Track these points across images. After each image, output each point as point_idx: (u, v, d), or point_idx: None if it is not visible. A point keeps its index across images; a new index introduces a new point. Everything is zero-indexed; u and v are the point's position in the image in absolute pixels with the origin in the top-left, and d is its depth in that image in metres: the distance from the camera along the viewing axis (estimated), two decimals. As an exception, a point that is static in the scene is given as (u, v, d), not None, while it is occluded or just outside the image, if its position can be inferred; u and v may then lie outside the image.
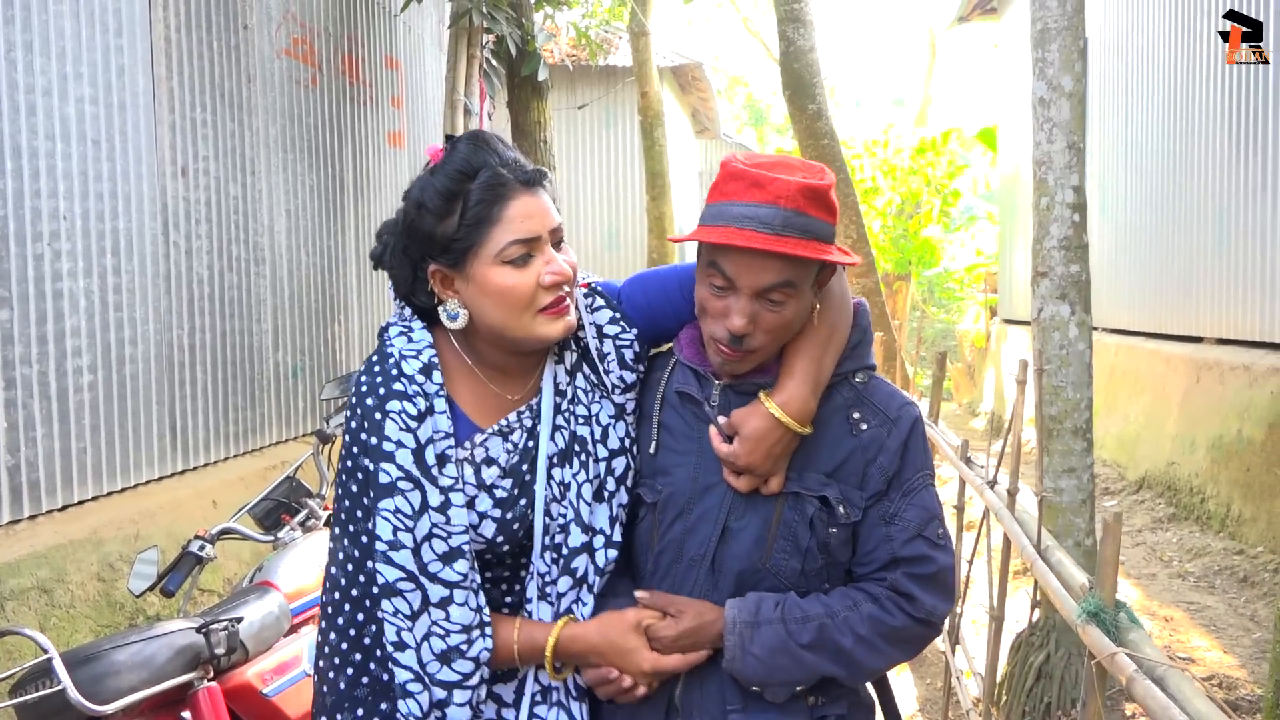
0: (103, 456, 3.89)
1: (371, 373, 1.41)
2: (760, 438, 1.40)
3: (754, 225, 1.33)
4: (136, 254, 4.10)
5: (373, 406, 1.37)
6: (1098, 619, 1.94)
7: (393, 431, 1.35)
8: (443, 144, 1.46)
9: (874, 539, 1.45)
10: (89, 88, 3.82)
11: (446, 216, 1.38)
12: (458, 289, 1.41)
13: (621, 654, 1.42)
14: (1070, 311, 3.84)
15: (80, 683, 2.21)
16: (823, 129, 8.81)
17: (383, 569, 1.35)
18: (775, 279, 1.35)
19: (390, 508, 1.35)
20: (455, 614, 1.37)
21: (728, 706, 1.44)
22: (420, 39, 7.32)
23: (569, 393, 1.49)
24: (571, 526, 1.45)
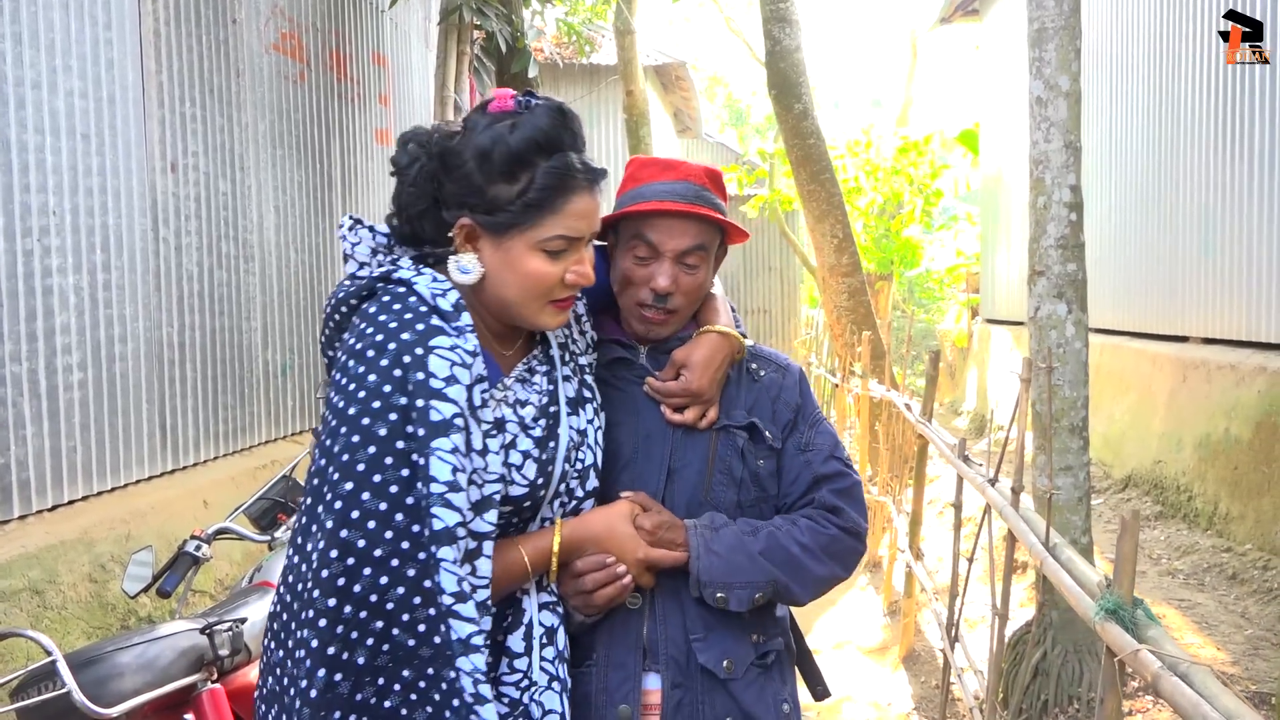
0: (93, 455, 3.83)
1: (392, 311, 1.32)
2: (708, 361, 1.60)
3: (672, 197, 1.57)
4: (126, 250, 4.03)
5: (411, 341, 1.28)
6: (1117, 616, 1.94)
7: (440, 368, 1.28)
8: (515, 98, 1.40)
9: (795, 466, 1.65)
10: (79, 81, 3.76)
11: (507, 181, 1.35)
12: (480, 248, 1.39)
13: (620, 540, 1.48)
14: (1067, 310, 3.86)
15: (84, 685, 2.17)
16: (808, 128, 8.80)
17: (441, 513, 1.24)
18: (692, 242, 1.58)
19: (447, 446, 1.25)
20: (482, 567, 1.31)
21: (690, 636, 1.55)
22: (407, 35, 7.27)
23: (567, 345, 1.56)
24: (590, 472, 1.50)
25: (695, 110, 15.95)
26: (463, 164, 1.37)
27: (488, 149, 1.35)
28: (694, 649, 1.55)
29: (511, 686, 1.44)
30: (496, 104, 1.39)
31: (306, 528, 1.30)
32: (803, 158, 9.00)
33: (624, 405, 1.62)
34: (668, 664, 1.54)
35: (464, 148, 1.37)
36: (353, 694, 1.23)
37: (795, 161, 9.12)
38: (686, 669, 1.55)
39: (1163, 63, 6.90)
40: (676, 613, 1.56)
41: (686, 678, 1.55)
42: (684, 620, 1.56)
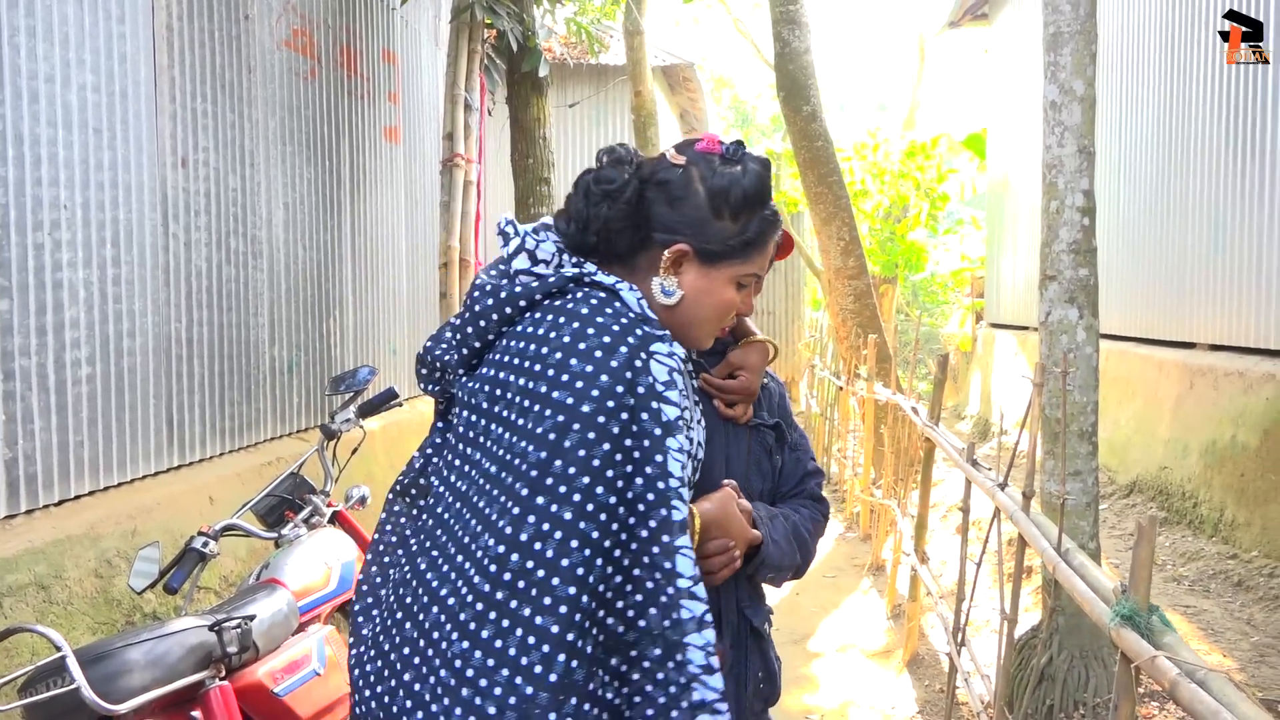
0: (100, 450, 3.82)
1: (606, 314, 1.39)
2: (761, 365, 1.75)
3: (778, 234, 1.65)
4: (136, 245, 4.03)
5: (637, 345, 1.36)
6: (1133, 622, 1.93)
7: (661, 373, 1.37)
8: (721, 143, 1.52)
9: (792, 462, 1.86)
10: (91, 75, 3.75)
11: (732, 219, 1.49)
12: (684, 272, 1.49)
13: (735, 523, 1.59)
14: (1078, 315, 3.85)
15: (93, 681, 2.17)
16: (817, 131, 8.81)
17: (678, 504, 1.33)
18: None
19: (676, 445, 1.35)
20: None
21: (742, 604, 1.72)
22: (417, 33, 7.26)
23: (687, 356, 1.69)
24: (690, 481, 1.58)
25: (702, 111, 15.95)
26: (692, 196, 1.48)
27: (725, 189, 1.48)
28: (746, 614, 1.72)
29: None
30: (705, 145, 1.51)
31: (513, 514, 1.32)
32: (811, 160, 8.99)
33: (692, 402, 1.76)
34: (728, 627, 1.69)
35: (689, 181, 1.48)
36: (586, 682, 1.30)
37: (803, 164, 9.12)
38: (739, 631, 1.71)
39: (1171, 66, 6.89)
40: (732, 587, 1.71)
41: (740, 637, 1.72)
42: (737, 590, 1.72)
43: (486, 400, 1.42)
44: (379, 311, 6.54)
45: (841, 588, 6.36)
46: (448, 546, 1.39)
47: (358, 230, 6.16)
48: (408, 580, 1.43)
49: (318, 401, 5.60)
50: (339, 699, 2.85)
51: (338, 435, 3.57)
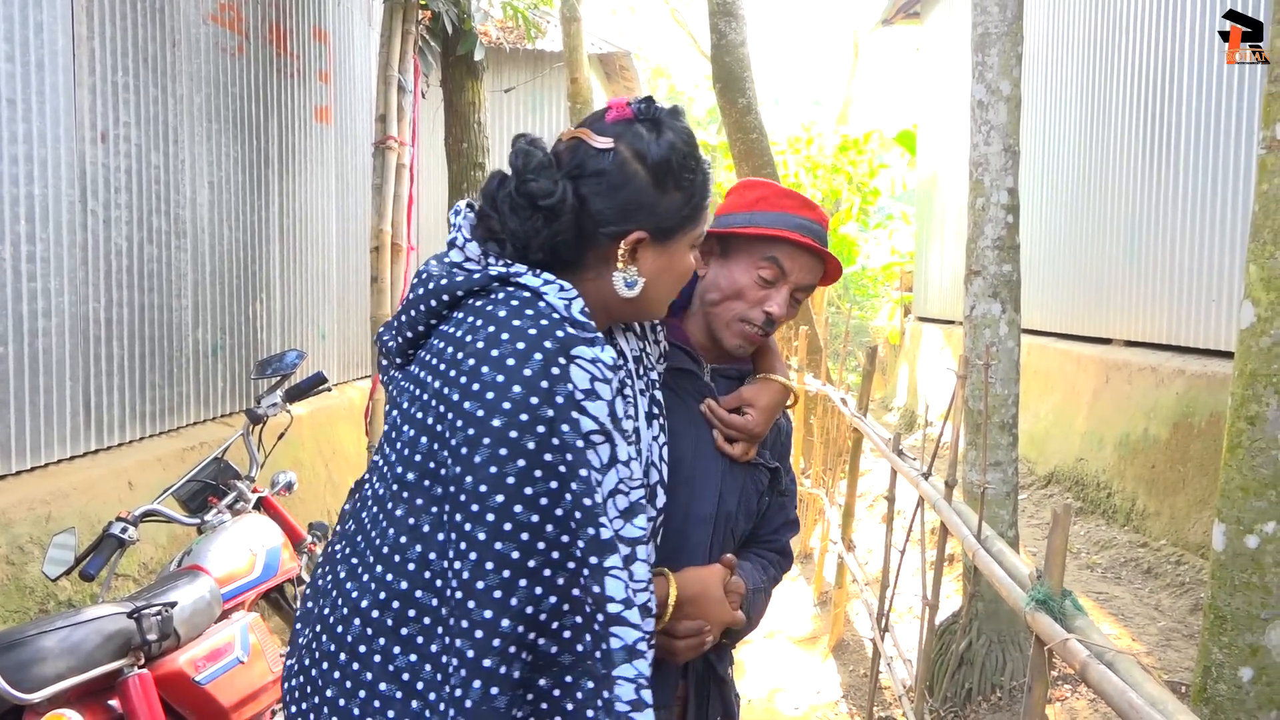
0: (11, 433, 3.69)
1: (526, 317, 1.26)
2: (773, 408, 1.67)
3: (813, 235, 1.64)
4: (52, 221, 3.89)
5: (554, 350, 1.23)
6: (1047, 606, 2.00)
7: (582, 380, 1.25)
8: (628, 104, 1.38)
9: (775, 507, 1.78)
10: (4, 44, 3.61)
11: (677, 187, 1.38)
12: (641, 258, 1.38)
13: (715, 605, 1.54)
14: (1001, 310, 3.95)
15: (4, 670, 2.10)
16: (752, 123, 8.88)
17: (606, 524, 1.24)
18: (813, 281, 1.67)
19: (596, 462, 1.26)
20: (639, 571, 1.31)
21: (708, 652, 1.65)
22: (349, 12, 7.12)
23: (641, 359, 1.54)
24: (658, 489, 1.48)
25: (638, 100, 15.92)
26: (633, 179, 1.34)
27: (666, 160, 1.35)
28: (712, 660, 1.69)
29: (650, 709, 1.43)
30: (617, 113, 1.37)
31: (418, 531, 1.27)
32: (745, 152, 9.07)
33: (684, 416, 1.65)
34: (693, 675, 1.68)
35: (624, 163, 1.34)
36: (509, 709, 1.21)
37: (738, 156, 9.19)
38: (704, 676, 1.69)
39: (1093, 71, 7.10)
40: None
41: (703, 684, 1.70)
42: None
43: (407, 400, 1.33)
44: (308, 295, 6.42)
45: (769, 575, 6.45)
46: (367, 555, 1.31)
47: (286, 211, 6.03)
48: (328, 590, 1.36)
49: (243, 386, 5.48)
50: (262, 687, 2.80)
51: (264, 420, 3.50)
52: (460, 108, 6.17)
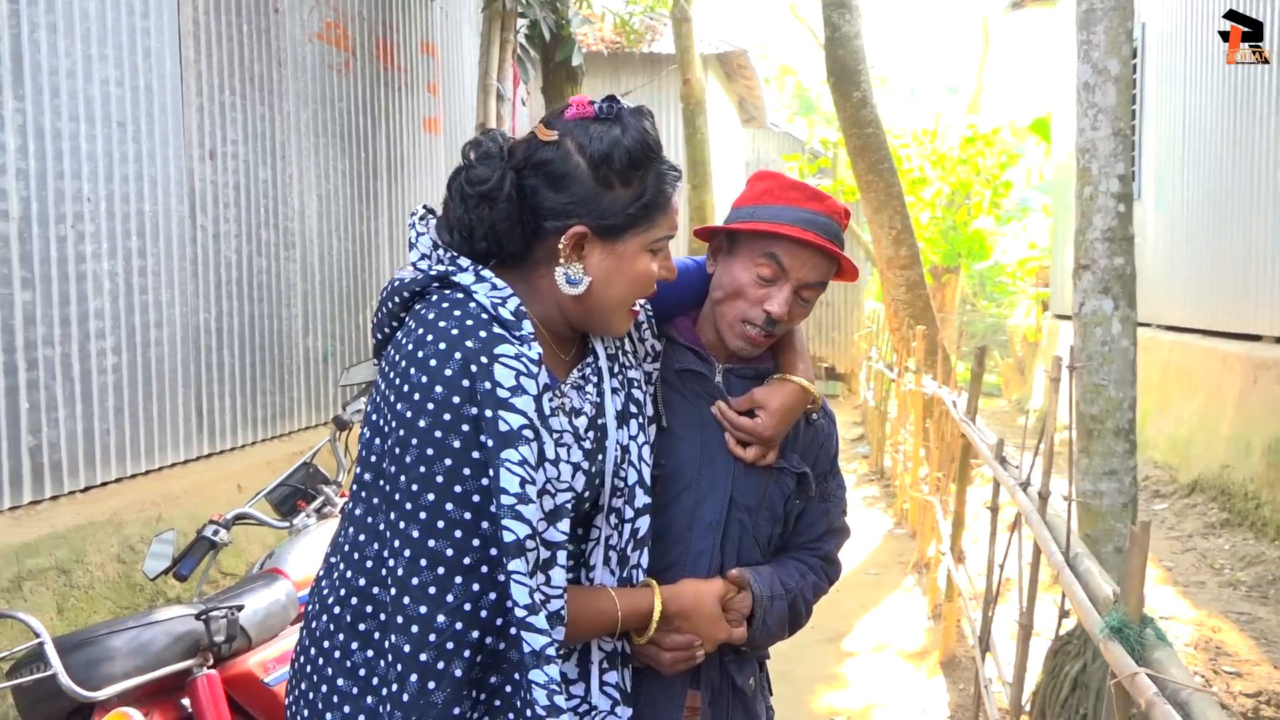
0: (126, 438, 3.90)
1: (452, 318, 1.27)
2: (785, 410, 1.57)
3: (815, 229, 1.53)
4: (162, 236, 4.10)
5: (476, 349, 1.25)
6: (1121, 635, 1.81)
7: (506, 377, 1.25)
8: (591, 103, 1.38)
9: (817, 513, 1.69)
10: (114, 69, 3.82)
11: (624, 185, 1.34)
12: (588, 254, 1.36)
13: (710, 622, 1.50)
14: (1113, 306, 3.66)
15: (73, 667, 2.19)
16: (867, 117, 8.60)
17: (511, 525, 1.22)
18: (818, 277, 1.57)
19: (515, 458, 1.23)
20: (556, 576, 1.30)
21: (725, 659, 1.61)
22: (458, 24, 7.28)
23: (617, 356, 1.51)
24: (636, 489, 1.46)
25: (759, 99, 15.74)
26: (574, 171, 1.33)
27: (607, 154, 1.33)
28: (729, 671, 1.62)
29: (569, 713, 1.41)
30: (576, 111, 1.36)
31: (375, 529, 1.30)
32: (861, 147, 8.80)
33: (690, 419, 1.59)
34: (706, 684, 1.61)
35: (567, 156, 1.33)
36: (447, 706, 1.21)
37: (853, 151, 8.92)
38: (720, 687, 1.63)
39: (1240, 46, 6.55)
40: None
41: (719, 695, 1.63)
42: (720, 647, 1.60)
43: (371, 405, 1.35)
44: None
45: (884, 585, 6.22)
46: (336, 553, 1.35)
47: (396, 221, 6.20)
48: (317, 584, 1.41)
49: (342, 392, 5.66)
50: (334, 690, 2.84)
51: (349, 426, 3.58)
52: (561, 113, 6.20)
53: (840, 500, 1.73)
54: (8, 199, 3.33)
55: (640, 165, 1.35)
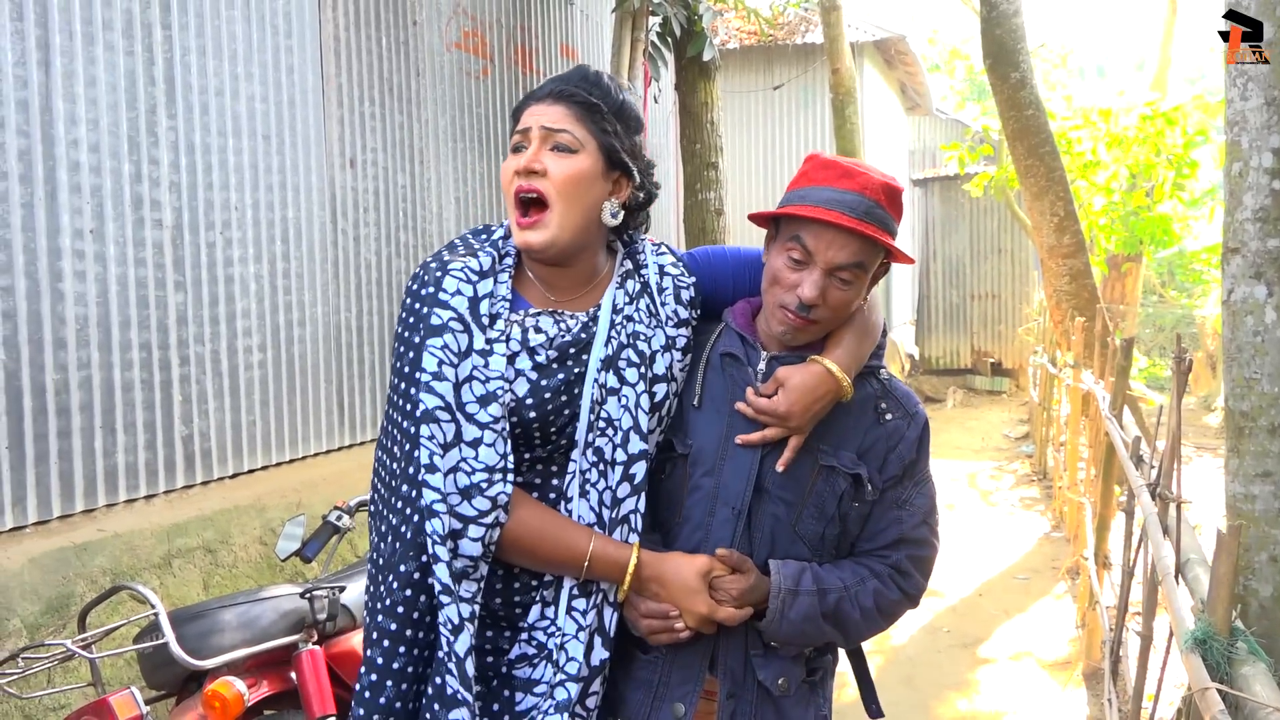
0: (271, 429, 4.19)
1: (447, 247, 1.61)
2: (805, 390, 1.54)
3: (841, 208, 1.50)
4: (305, 241, 4.38)
5: (435, 266, 1.54)
6: (1205, 647, 1.66)
7: (450, 285, 1.51)
8: None
9: (886, 519, 1.61)
10: (259, 86, 4.11)
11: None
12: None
13: (686, 593, 1.52)
14: (1267, 293, 3.32)
15: (186, 638, 2.39)
16: (1026, 99, 8.16)
17: (424, 397, 1.44)
18: (849, 259, 1.52)
19: (438, 344, 1.47)
20: (483, 454, 1.46)
21: (750, 652, 1.58)
22: (598, 25, 7.40)
23: (627, 313, 1.60)
24: (631, 435, 1.53)
25: (922, 85, 15.22)
26: None
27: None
28: (753, 665, 1.58)
29: (540, 631, 1.55)
30: None
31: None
32: (1020, 130, 8.36)
33: (721, 405, 1.60)
34: (726, 674, 1.57)
35: None
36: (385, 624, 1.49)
37: (1011, 135, 8.49)
38: (743, 682, 1.58)
39: None
40: (740, 628, 1.57)
41: (742, 689, 1.58)
42: (746, 637, 1.59)
43: None
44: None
45: (1032, 591, 5.90)
46: None
47: (534, 221, 6.37)
48: None
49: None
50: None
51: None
52: (693, 109, 6.21)
53: (919, 510, 1.62)
54: (162, 209, 3.65)
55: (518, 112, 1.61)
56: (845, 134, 9.56)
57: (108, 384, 3.44)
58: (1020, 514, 7.71)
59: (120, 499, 3.49)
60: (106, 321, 3.44)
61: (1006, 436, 11.15)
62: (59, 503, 3.27)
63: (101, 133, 3.42)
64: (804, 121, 12.55)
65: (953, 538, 6.85)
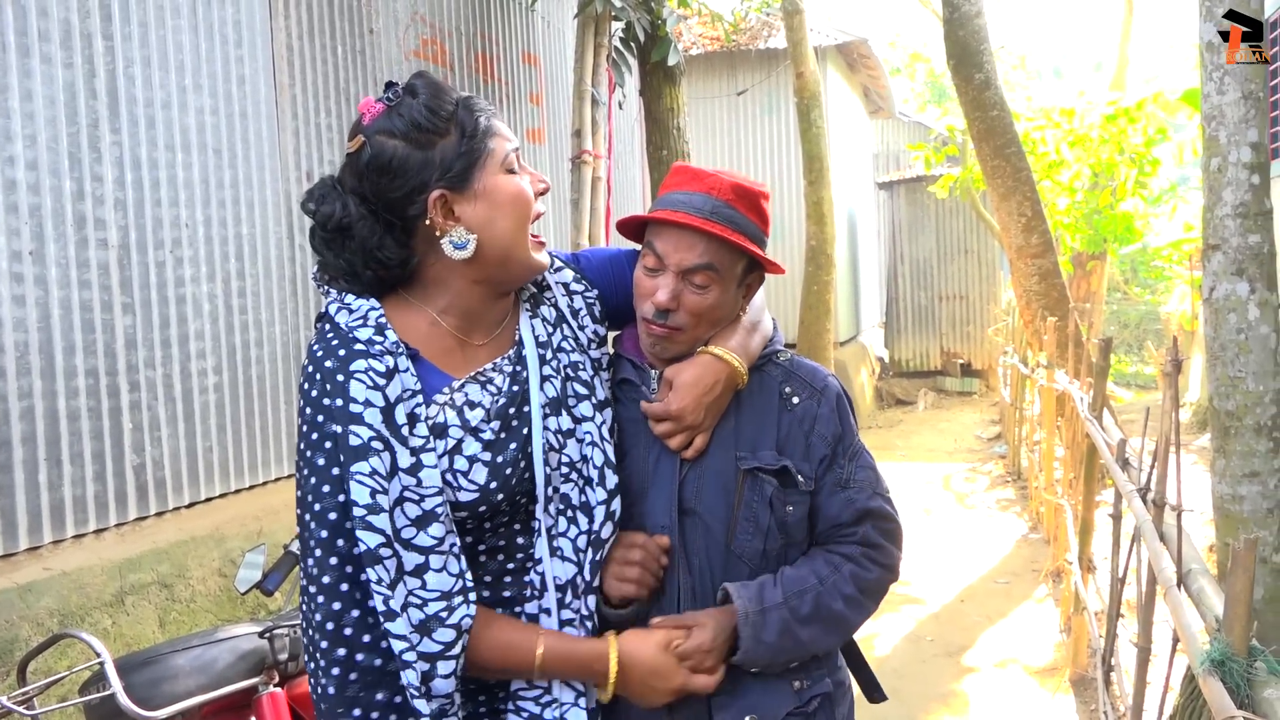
0: (229, 455, 4.02)
1: (324, 339, 1.38)
2: (695, 382, 1.48)
3: (686, 209, 1.46)
4: (260, 258, 4.22)
5: (333, 369, 1.34)
6: (1223, 669, 1.57)
7: (359, 392, 1.32)
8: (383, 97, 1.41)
9: (837, 504, 1.52)
10: (209, 98, 3.95)
11: (443, 136, 1.38)
12: (460, 213, 1.39)
13: (660, 677, 1.42)
14: (1249, 289, 3.28)
15: (136, 686, 2.23)
16: (991, 99, 8.17)
17: (363, 535, 1.28)
18: (697, 259, 1.46)
19: (365, 470, 1.29)
20: (432, 581, 1.32)
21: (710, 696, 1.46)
22: (560, 32, 7.29)
23: (552, 344, 1.50)
24: (605, 472, 1.45)
25: (885, 88, 15.25)
26: (396, 154, 1.37)
27: (413, 121, 1.37)
28: (712, 707, 1.47)
29: (531, 701, 1.41)
30: (368, 111, 1.40)
31: None
32: (985, 131, 8.36)
33: (634, 430, 1.54)
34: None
35: (382, 147, 1.37)
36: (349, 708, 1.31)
37: (977, 136, 8.49)
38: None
39: None
40: None
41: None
42: None
43: None
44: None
45: (1013, 595, 5.84)
46: None
47: (499, 232, 6.24)
48: None
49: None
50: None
51: None
52: (659, 115, 6.11)
53: (865, 483, 1.54)
54: (107, 228, 3.48)
55: (443, 111, 1.38)
56: (811, 138, 9.51)
57: (51, 413, 3.26)
58: (997, 516, 7.66)
59: (68, 534, 3.31)
60: (49, 347, 3.26)
61: (979, 438, 11.15)
62: (0, 541, 3.09)
63: (40, 149, 3.25)
64: (769, 126, 12.51)
65: (932, 542, 6.77)
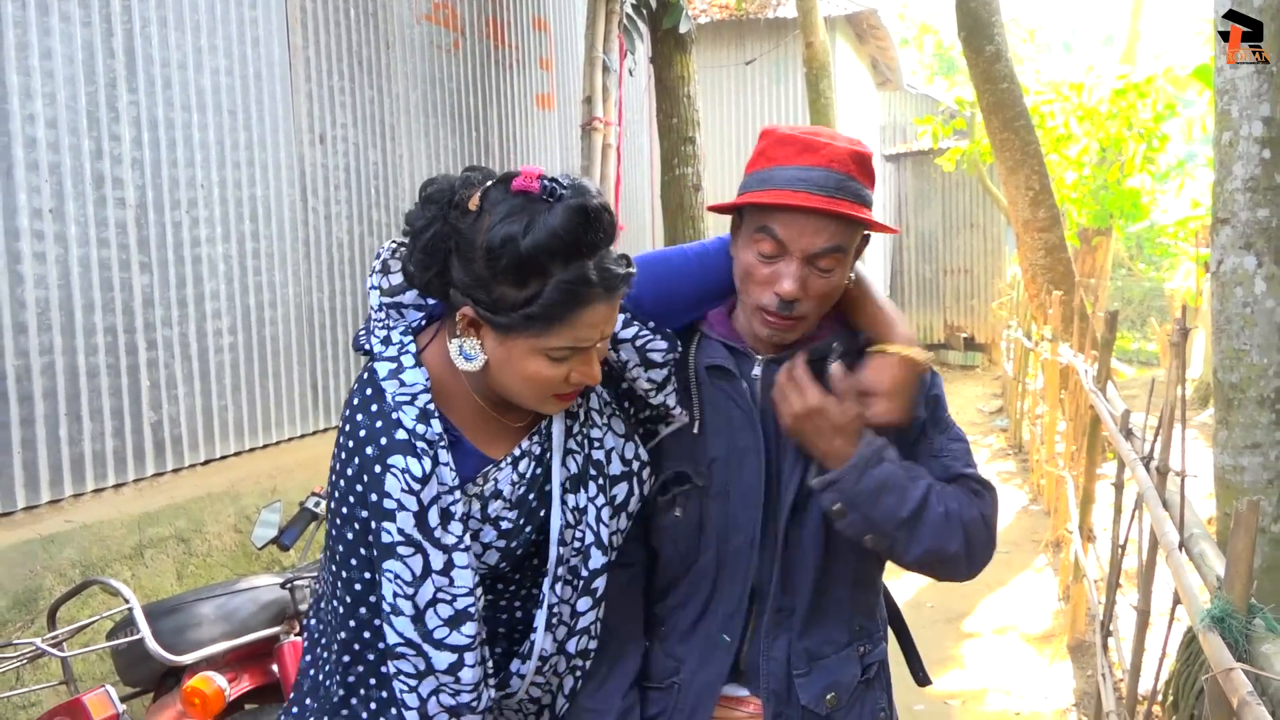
0: (244, 414, 4.08)
1: (369, 413, 1.27)
2: (905, 386, 1.40)
3: (808, 188, 1.32)
4: (275, 219, 4.25)
5: (373, 457, 1.25)
6: (1223, 625, 1.62)
7: (394, 488, 1.24)
8: (541, 179, 1.24)
9: (932, 470, 1.44)
10: (224, 59, 3.96)
11: (515, 286, 1.22)
12: (484, 337, 1.27)
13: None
14: (1257, 263, 3.31)
15: (161, 633, 2.29)
16: (1001, 72, 8.14)
17: (387, 630, 1.27)
18: (827, 243, 1.34)
19: (391, 572, 1.25)
20: (466, 676, 1.29)
21: (794, 671, 1.44)
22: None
23: (580, 414, 1.41)
24: (592, 550, 1.39)
25: (893, 60, 15.15)
26: (473, 252, 1.23)
27: (497, 250, 1.20)
28: (795, 684, 1.44)
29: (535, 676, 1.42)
30: (520, 182, 1.23)
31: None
32: (995, 104, 8.34)
33: (718, 423, 1.44)
34: (769, 695, 1.44)
35: (475, 235, 1.22)
36: None
37: (986, 108, 8.47)
38: (788, 700, 1.44)
39: None
40: (783, 645, 1.45)
41: (788, 708, 1.44)
42: (789, 652, 1.45)
43: None
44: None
45: (1013, 564, 5.91)
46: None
47: (508, 198, 6.26)
48: None
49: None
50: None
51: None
52: (669, 83, 6.10)
53: (956, 454, 1.46)
54: (124, 188, 3.51)
55: (534, 270, 1.20)
56: (820, 109, 9.47)
57: (72, 369, 3.31)
58: (998, 487, 7.72)
59: (88, 488, 3.37)
60: (69, 305, 3.30)
61: (981, 411, 11.20)
62: (24, 493, 3.15)
63: (59, 107, 3.27)
64: (777, 97, 12.46)
65: (932, 513, 6.85)
